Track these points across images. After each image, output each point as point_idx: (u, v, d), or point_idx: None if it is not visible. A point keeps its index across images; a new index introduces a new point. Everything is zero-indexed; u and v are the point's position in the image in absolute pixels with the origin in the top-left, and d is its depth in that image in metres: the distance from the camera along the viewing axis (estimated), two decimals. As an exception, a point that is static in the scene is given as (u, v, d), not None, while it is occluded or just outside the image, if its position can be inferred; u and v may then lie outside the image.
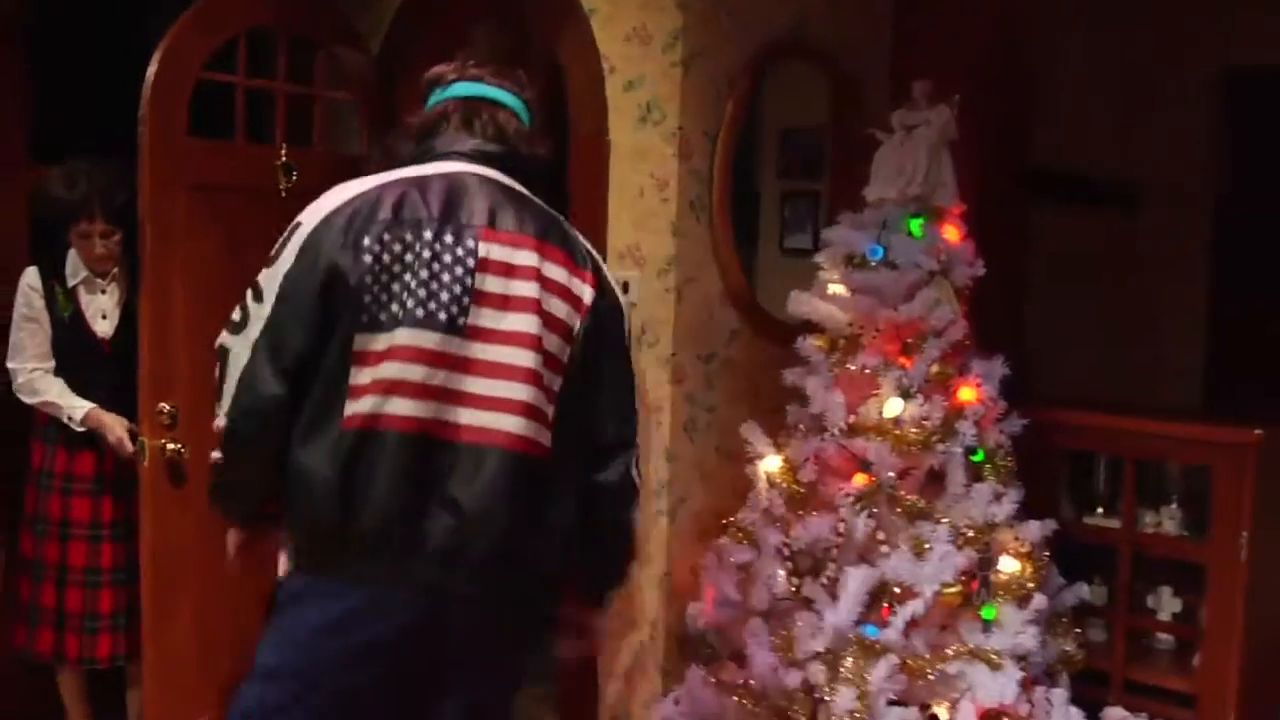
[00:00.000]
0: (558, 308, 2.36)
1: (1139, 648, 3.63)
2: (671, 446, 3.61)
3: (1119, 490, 3.59)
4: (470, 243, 2.30)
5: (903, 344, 3.34)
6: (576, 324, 2.39)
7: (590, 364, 2.42)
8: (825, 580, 3.24)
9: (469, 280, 2.28)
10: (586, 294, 2.42)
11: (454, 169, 2.39)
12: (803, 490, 3.36)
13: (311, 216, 2.32)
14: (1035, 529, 3.28)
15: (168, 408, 3.41)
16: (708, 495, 3.72)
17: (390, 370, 2.22)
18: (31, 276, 3.83)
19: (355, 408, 2.22)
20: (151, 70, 3.35)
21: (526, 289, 2.32)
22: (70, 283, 3.81)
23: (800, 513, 3.32)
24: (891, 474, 3.21)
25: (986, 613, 3.22)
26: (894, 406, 3.24)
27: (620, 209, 3.68)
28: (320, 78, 3.97)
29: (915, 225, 3.36)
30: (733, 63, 3.66)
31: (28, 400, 3.80)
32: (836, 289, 3.47)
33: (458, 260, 2.28)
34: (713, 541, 3.62)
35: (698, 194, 3.61)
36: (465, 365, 2.26)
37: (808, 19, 3.82)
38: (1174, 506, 3.56)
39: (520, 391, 2.29)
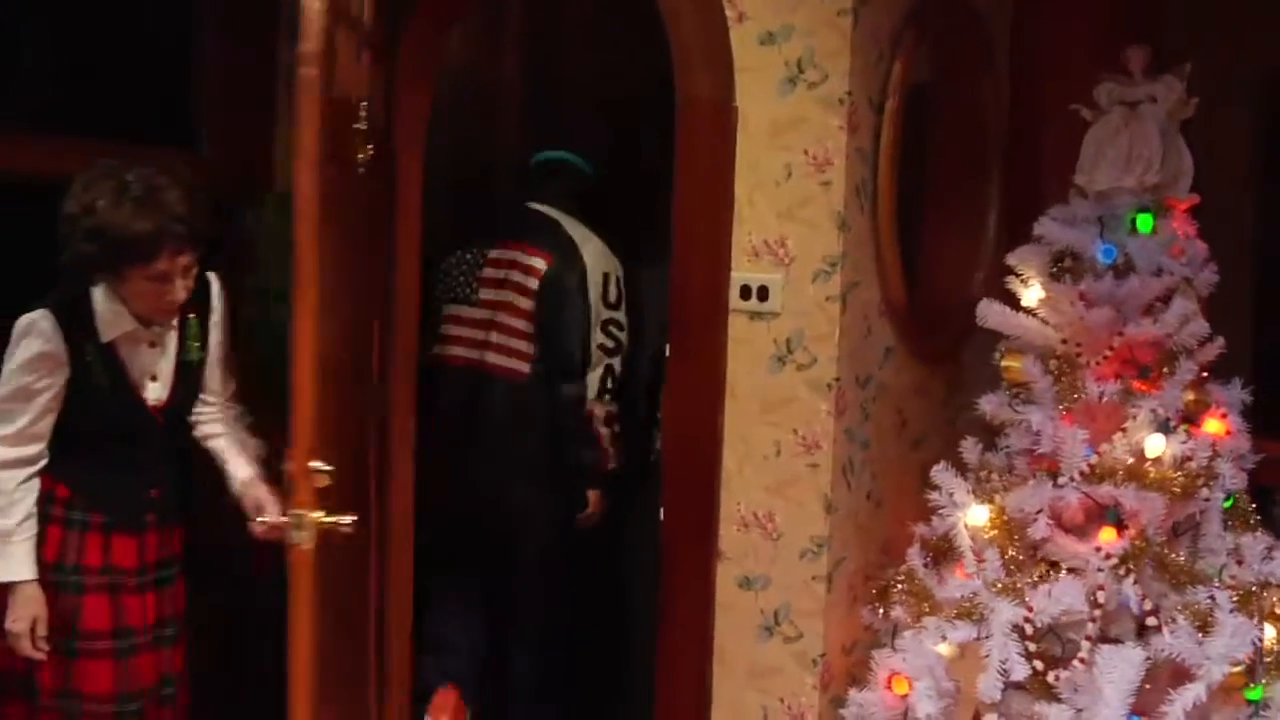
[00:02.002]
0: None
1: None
2: (832, 495, 2.87)
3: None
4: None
5: (1139, 367, 2.73)
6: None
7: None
8: (1079, 663, 2.58)
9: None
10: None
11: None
12: (1020, 553, 2.69)
13: None
14: (1300, 588, 2.72)
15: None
16: (861, 554, 3.01)
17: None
18: (45, 326, 2.63)
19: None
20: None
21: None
22: (105, 337, 2.70)
23: (1033, 580, 2.65)
24: (1157, 528, 2.59)
25: (1253, 694, 2.63)
26: (1156, 444, 2.62)
27: (753, 195, 2.92)
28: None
29: (1146, 222, 2.75)
30: (895, 15, 2.96)
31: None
32: (1039, 297, 2.82)
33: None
34: (876, 614, 2.92)
35: (863, 178, 2.89)
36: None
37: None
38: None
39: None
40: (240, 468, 2.88)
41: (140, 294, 2.67)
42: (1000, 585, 2.63)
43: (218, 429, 2.94)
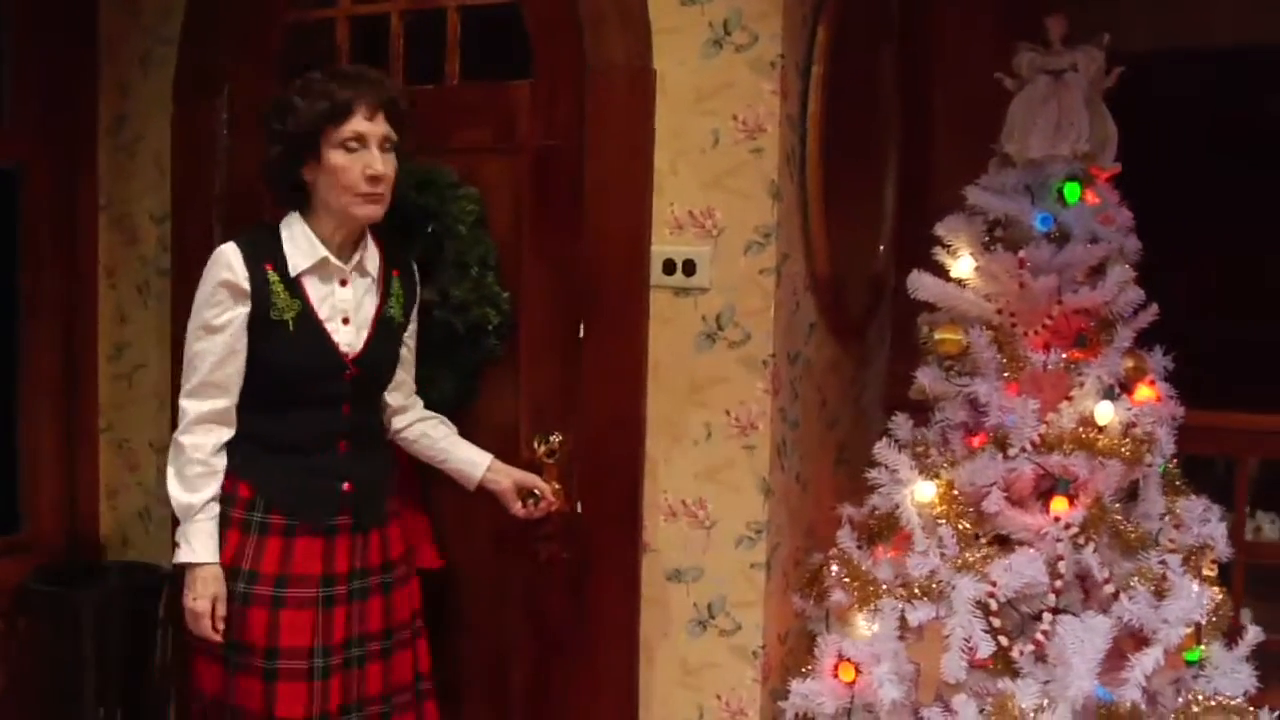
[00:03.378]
0: None
1: None
2: (770, 477, 2.74)
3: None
4: None
5: (1075, 335, 2.71)
6: None
7: None
8: (1041, 635, 2.54)
9: None
10: None
11: None
12: (971, 527, 2.63)
13: None
14: (1224, 548, 2.77)
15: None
16: (791, 539, 2.88)
17: None
18: (230, 254, 2.52)
19: None
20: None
21: None
22: (294, 269, 2.52)
23: (982, 555, 2.59)
24: (1114, 496, 2.57)
25: (1191, 655, 2.65)
26: (1105, 411, 2.60)
27: (676, 163, 2.76)
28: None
29: (1074, 190, 2.74)
30: (815, -23, 2.85)
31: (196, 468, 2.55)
32: (972, 266, 2.77)
33: None
34: (809, 600, 2.82)
35: (792, 146, 2.76)
36: None
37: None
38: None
39: None
40: (476, 453, 2.77)
41: (339, 171, 2.50)
42: (960, 561, 2.55)
43: (433, 422, 2.80)
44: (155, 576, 3.35)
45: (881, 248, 3.26)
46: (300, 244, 2.57)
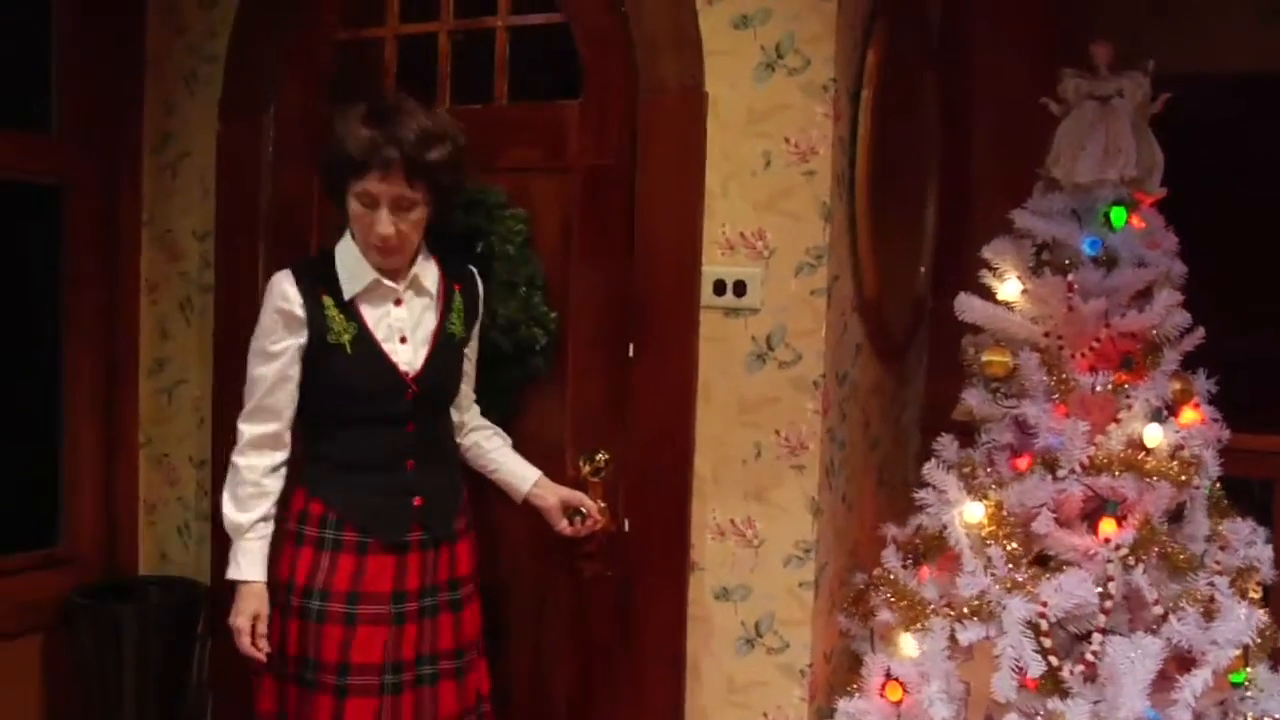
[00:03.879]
0: None
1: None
2: (819, 497, 2.76)
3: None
4: None
5: (1120, 357, 2.74)
6: None
7: None
8: (1091, 655, 2.56)
9: None
10: None
11: None
12: (1019, 547, 2.65)
13: None
14: (1269, 570, 2.79)
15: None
16: (837, 559, 2.90)
17: None
18: (284, 283, 2.57)
19: None
20: None
21: None
22: (348, 293, 2.57)
23: (1036, 575, 2.61)
24: (1162, 518, 2.60)
25: (1236, 677, 2.67)
26: (1154, 434, 2.63)
27: (727, 185, 2.79)
28: None
29: (1120, 215, 2.76)
30: (865, 3, 2.88)
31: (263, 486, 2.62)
32: (1019, 290, 2.80)
33: None
34: (854, 619, 2.84)
35: (842, 169, 2.79)
36: None
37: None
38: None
39: None
40: (526, 468, 2.82)
41: (355, 219, 2.55)
42: (1010, 582, 2.57)
43: (486, 434, 2.84)
44: (195, 592, 3.37)
45: (922, 269, 3.28)
46: (351, 268, 2.59)
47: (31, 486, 3.46)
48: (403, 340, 2.60)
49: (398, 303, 2.62)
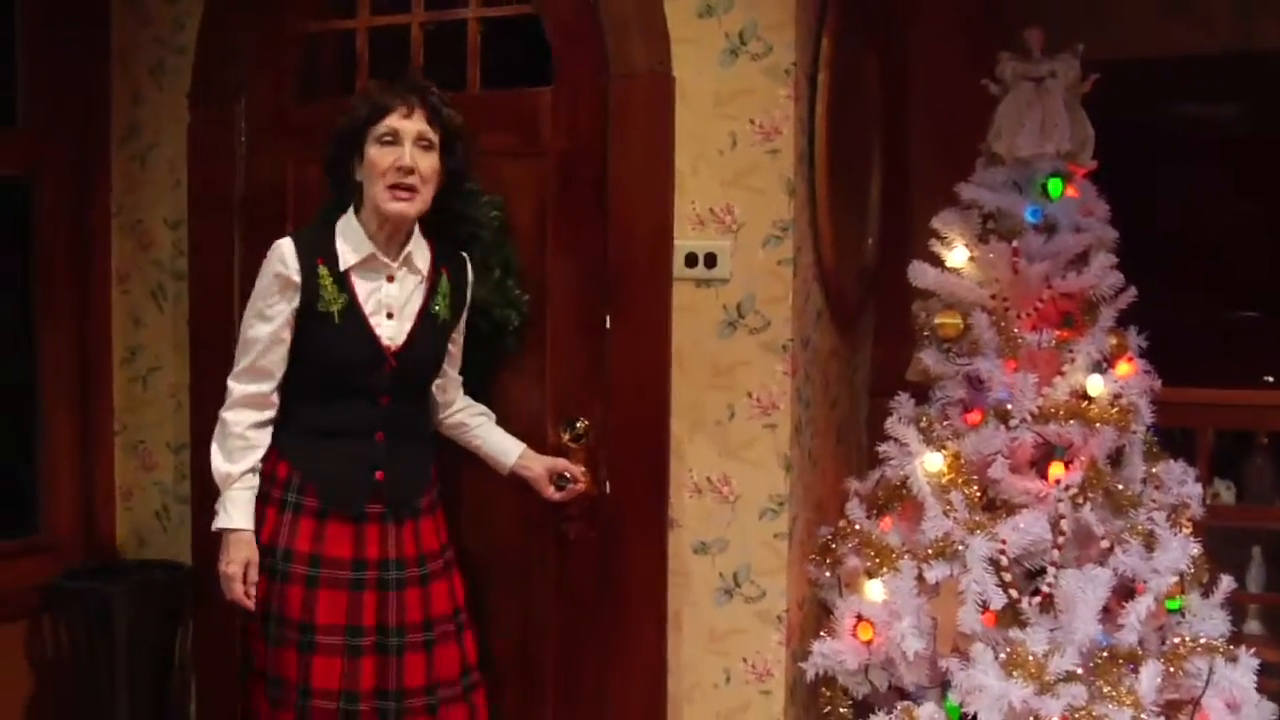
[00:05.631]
0: None
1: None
2: (790, 453, 2.95)
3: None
4: None
5: (1062, 316, 2.98)
6: None
7: None
8: (1046, 587, 2.79)
9: None
10: None
11: None
12: (980, 492, 2.88)
13: None
14: (1199, 508, 3.06)
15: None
16: (805, 512, 3.10)
17: None
18: (285, 249, 2.70)
19: None
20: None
21: None
22: (343, 264, 2.70)
23: (995, 517, 2.84)
24: (1105, 461, 2.84)
25: (1172, 604, 2.93)
26: (1096, 384, 2.87)
27: (696, 164, 2.96)
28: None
29: (1057, 185, 3.01)
30: (817, -9, 3.08)
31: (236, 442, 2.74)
32: (967, 257, 3.03)
33: None
34: (832, 566, 3.04)
35: (802, 147, 2.98)
36: None
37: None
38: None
39: None
40: (510, 442, 2.97)
41: (373, 165, 2.67)
42: (972, 523, 2.80)
43: (470, 412, 2.97)
44: (177, 573, 3.45)
45: (870, 240, 3.50)
46: (350, 240, 2.73)
47: (9, 476, 3.51)
48: (390, 315, 2.74)
49: (390, 279, 2.75)
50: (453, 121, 2.77)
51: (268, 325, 2.71)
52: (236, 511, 2.70)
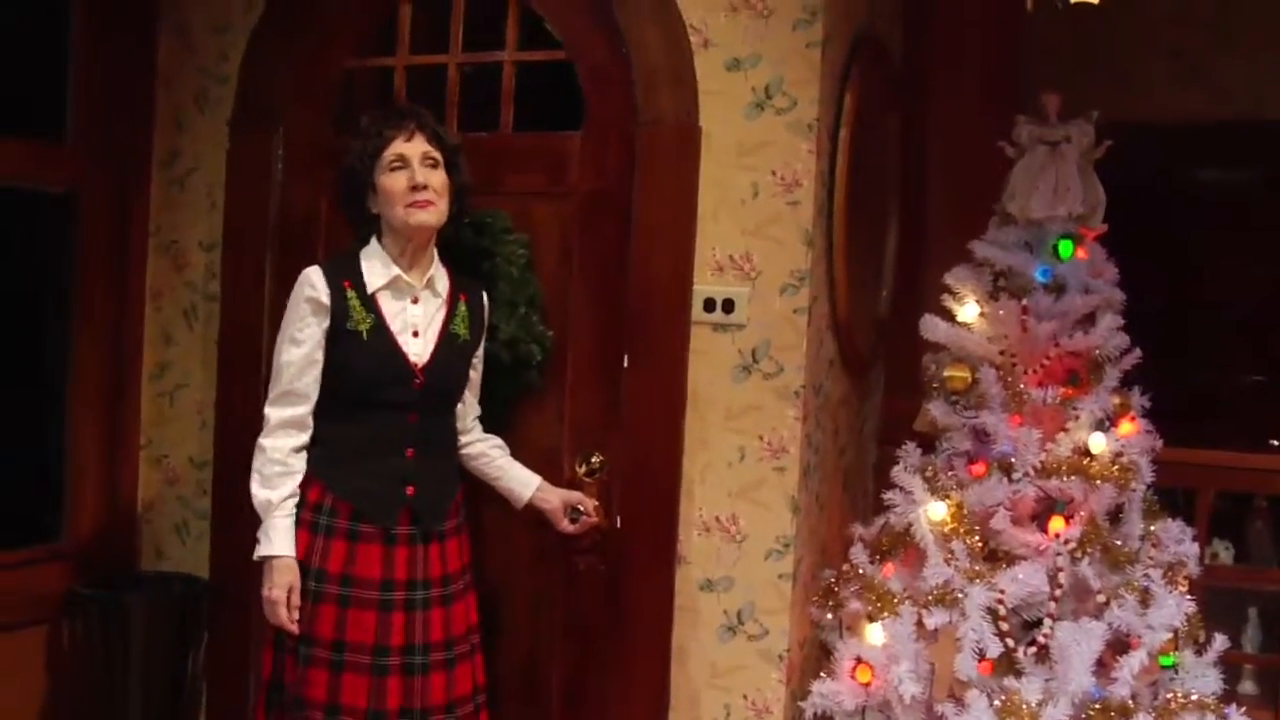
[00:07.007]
0: None
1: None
2: (798, 497, 3.03)
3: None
4: None
5: (1068, 374, 3.06)
6: None
7: None
8: (1042, 638, 2.86)
9: None
10: None
11: None
12: (981, 542, 2.96)
13: None
14: (1195, 567, 3.13)
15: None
16: (811, 555, 3.18)
17: None
18: (313, 275, 2.82)
19: None
20: None
21: None
22: (370, 287, 2.82)
23: (994, 567, 2.91)
24: (1104, 517, 2.92)
25: (1166, 660, 2.99)
26: (1098, 442, 2.95)
27: (718, 212, 3.06)
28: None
29: (1067, 247, 3.09)
30: (844, 49, 3.18)
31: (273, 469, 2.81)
32: (977, 313, 3.11)
33: None
34: (824, 610, 3.11)
35: (822, 200, 3.08)
36: None
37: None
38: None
39: None
40: (528, 474, 3.04)
41: (387, 192, 2.78)
42: (972, 572, 2.87)
43: (490, 443, 3.07)
44: (194, 586, 3.54)
45: (884, 293, 3.59)
46: (376, 265, 2.84)
47: (35, 484, 3.61)
48: (415, 334, 2.84)
49: (414, 300, 2.85)
50: (451, 140, 2.90)
51: (300, 348, 2.80)
52: (279, 538, 2.77)
